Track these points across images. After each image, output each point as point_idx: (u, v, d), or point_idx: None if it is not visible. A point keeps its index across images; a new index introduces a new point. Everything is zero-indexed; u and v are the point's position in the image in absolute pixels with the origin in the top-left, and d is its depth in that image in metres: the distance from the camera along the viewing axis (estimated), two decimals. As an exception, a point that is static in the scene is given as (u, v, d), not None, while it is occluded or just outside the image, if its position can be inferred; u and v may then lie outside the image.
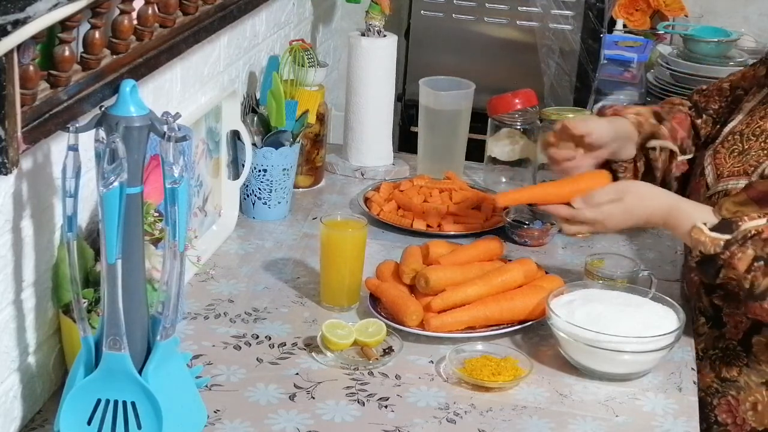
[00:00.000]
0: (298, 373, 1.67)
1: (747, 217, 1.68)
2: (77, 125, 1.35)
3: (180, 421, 1.42)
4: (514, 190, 2.13)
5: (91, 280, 1.53)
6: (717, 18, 3.30)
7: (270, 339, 1.76)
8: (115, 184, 1.32)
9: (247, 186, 2.19)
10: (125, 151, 1.32)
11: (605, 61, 2.94)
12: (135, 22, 1.59)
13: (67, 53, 1.40)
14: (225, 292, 1.91)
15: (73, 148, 1.34)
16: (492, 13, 2.78)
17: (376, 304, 1.85)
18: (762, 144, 1.80)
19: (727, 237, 1.67)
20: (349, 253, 1.87)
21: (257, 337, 1.77)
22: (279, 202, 2.21)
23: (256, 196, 2.20)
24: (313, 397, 1.61)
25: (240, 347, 1.73)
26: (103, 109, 1.36)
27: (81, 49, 1.48)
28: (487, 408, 1.61)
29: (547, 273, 1.92)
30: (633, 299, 1.80)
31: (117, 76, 1.54)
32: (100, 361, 1.38)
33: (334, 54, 3.01)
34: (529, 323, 1.81)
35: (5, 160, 1.31)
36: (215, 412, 1.55)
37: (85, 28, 1.46)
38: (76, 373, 1.40)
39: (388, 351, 1.74)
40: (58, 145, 1.49)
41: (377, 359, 1.71)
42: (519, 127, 2.40)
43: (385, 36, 2.43)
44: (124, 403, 1.39)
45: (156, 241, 1.60)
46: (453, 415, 1.59)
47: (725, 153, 1.85)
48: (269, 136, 2.17)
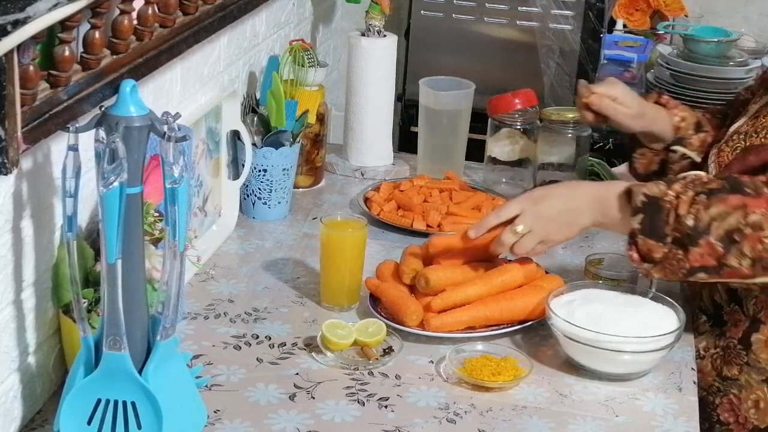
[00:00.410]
0: (298, 373, 1.67)
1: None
2: (77, 125, 1.35)
3: (180, 421, 1.42)
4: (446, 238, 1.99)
5: (91, 280, 1.53)
6: (717, 18, 3.30)
7: (270, 339, 1.76)
8: (115, 184, 1.32)
9: (247, 186, 2.19)
10: (125, 151, 1.32)
11: (605, 61, 2.94)
12: (135, 22, 1.59)
13: (67, 53, 1.40)
14: (225, 292, 1.91)
15: (73, 148, 1.34)
16: (492, 13, 2.79)
17: (376, 304, 1.85)
18: (762, 140, 1.81)
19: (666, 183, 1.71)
20: (349, 253, 1.87)
21: (257, 337, 1.77)
22: (279, 202, 2.21)
23: (256, 196, 2.20)
24: (313, 397, 1.61)
25: (240, 347, 1.74)
26: (103, 109, 1.36)
27: (81, 49, 1.48)
28: (487, 408, 1.61)
29: (547, 273, 1.92)
30: (633, 299, 1.80)
31: (117, 76, 1.54)
32: (100, 361, 1.38)
33: (334, 54, 3.01)
34: (529, 323, 1.81)
35: (5, 160, 1.31)
36: (215, 412, 1.55)
37: (85, 28, 1.46)
38: (76, 373, 1.40)
39: (388, 351, 1.74)
40: (58, 145, 1.49)
41: (377, 359, 1.71)
42: (519, 127, 2.40)
43: (385, 36, 2.43)
44: (124, 403, 1.39)
45: (156, 241, 1.60)
46: (453, 415, 1.59)
47: (729, 151, 1.86)
48: (269, 136, 2.17)
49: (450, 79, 2.46)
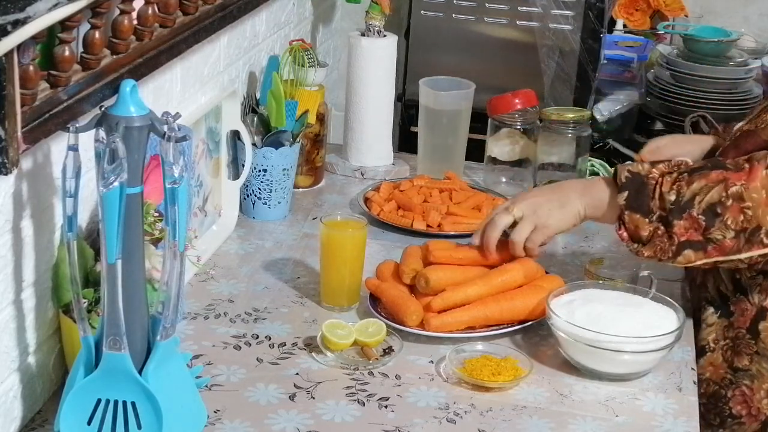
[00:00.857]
0: (298, 373, 1.67)
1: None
2: (77, 125, 1.35)
3: (180, 421, 1.42)
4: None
5: (91, 280, 1.53)
6: (717, 18, 3.30)
7: (270, 339, 1.76)
8: (115, 184, 1.32)
9: (247, 186, 2.19)
10: (125, 151, 1.32)
11: (605, 61, 2.94)
12: (135, 22, 1.59)
13: (67, 53, 1.40)
14: (225, 292, 1.91)
15: (73, 148, 1.34)
16: (492, 13, 2.78)
17: (376, 304, 1.85)
18: (764, 136, 1.82)
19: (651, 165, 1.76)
20: (349, 253, 1.87)
21: (257, 337, 1.77)
22: (279, 202, 2.21)
23: (256, 196, 2.20)
24: (313, 397, 1.61)
25: (240, 347, 1.74)
26: (103, 109, 1.36)
27: (81, 49, 1.48)
28: (487, 408, 1.61)
29: (547, 273, 1.92)
30: (633, 299, 1.80)
31: (117, 76, 1.54)
32: (100, 361, 1.38)
33: (334, 54, 3.01)
34: (529, 323, 1.81)
35: (5, 160, 1.31)
36: (215, 412, 1.55)
37: (85, 28, 1.46)
38: (76, 373, 1.40)
39: (388, 351, 1.74)
40: (58, 145, 1.49)
41: (377, 359, 1.71)
42: (519, 127, 2.40)
43: (385, 36, 2.43)
44: (124, 403, 1.39)
45: (156, 241, 1.60)
46: (453, 415, 1.59)
47: (732, 148, 1.87)
48: (269, 136, 2.17)
49: (450, 79, 2.46)
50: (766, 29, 3.33)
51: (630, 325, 1.70)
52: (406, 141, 2.87)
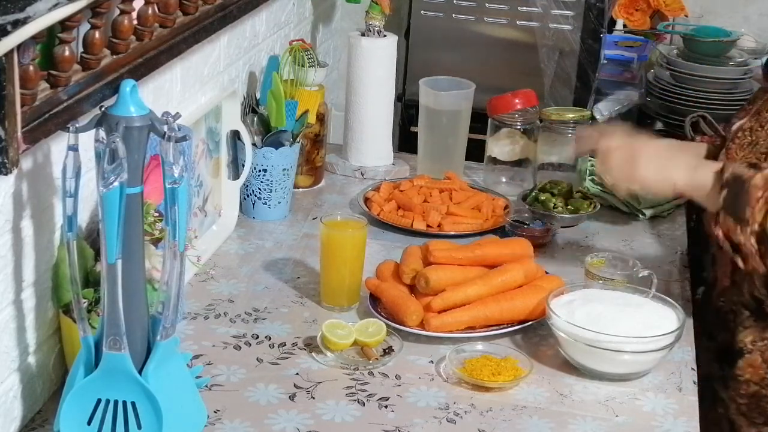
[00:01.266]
0: (298, 373, 1.67)
1: None
2: (77, 125, 1.35)
3: (180, 421, 1.42)
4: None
5: (91, 280, 1.53)
6: (717, 18, 3.30)
7: (270, 339, 1.76)
8: (115, 184, 1.32)
9: (247, 186, 2.19)
10: (125, 151, 1.32)
11: (605, 61, 2.93)
12: (135, 22, 1.59)
13: (67, 53, 1.40)
14: (225, 292, 1.91)
15: (73, 148, 1.34)
16: (492, 13, 2.78)
17: (376, 304, 1.85)
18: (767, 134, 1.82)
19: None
20: (349, 253, 1.87)
21: (257, 337, 1.77)
22: (279, 202, 2.21)
23: (256, 196, 2.20)
24: (313, 397, 1.61)
25: (240, 347, 1.74)
26: (103, 109, 1.36)
27: (81, 49, 1.48)
28: (487, 408, 1.61)
29: (547, 273, 1.92)
30: (633, 299, 1.80)
31: (117, 76, 1.54)
32: (100, 361, 1.38)
33: (334, 54, 3.01)
34: (529, 323, 1.82)
35: (5, 160, 1.31)
36: (215, 412, 1.55)
37: (85, 28, 1.46)
38: (76, 373, 1.40)
39: (388, 351, 1.74)
40: (58, 145, 1.49)
41: (377, 359, 1.71)
42: (519, 127, 2.41)
43: (385, 36, 2.43)
44: (124, 403, 1.39)
45: (156, 241, 1.60)
46: (453, 415, 1.59)
47: (736, 148, 1.87)
48: (269, 136, 2.17)
49: (450, 79, 2.46)
50: (766, 29, 3.32)
51: (630, 325, 1.70)
52: (406, 141, 2.87)
